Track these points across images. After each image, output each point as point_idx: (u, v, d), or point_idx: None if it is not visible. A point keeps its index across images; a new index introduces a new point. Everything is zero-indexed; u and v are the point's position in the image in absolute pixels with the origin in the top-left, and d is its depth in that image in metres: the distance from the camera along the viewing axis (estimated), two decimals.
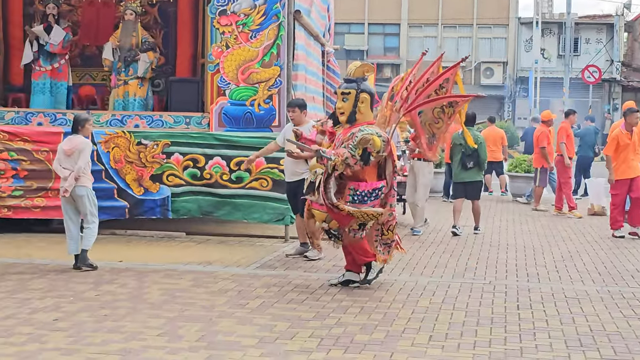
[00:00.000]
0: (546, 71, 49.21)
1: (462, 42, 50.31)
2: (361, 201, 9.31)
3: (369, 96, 9.47)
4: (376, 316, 8.26)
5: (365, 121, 9.43)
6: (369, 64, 10.02)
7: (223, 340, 7.30)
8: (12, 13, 16.92)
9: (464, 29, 50.21)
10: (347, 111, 9.46)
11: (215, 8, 12.92)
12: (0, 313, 8.11)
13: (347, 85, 9.58)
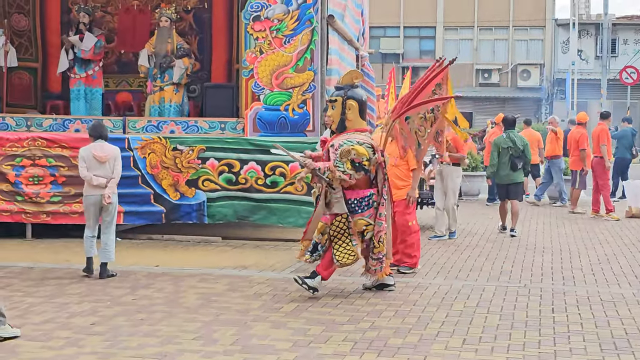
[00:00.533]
0: (583, 73, 48.88)
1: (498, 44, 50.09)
2: (352, 211, 9.23)
3: (357, 103, 9.32)
4: (410, 319, 8.27)
5: (355, 128, 9.33)
6: (358, 71, 9.84)
7: (257, 344, 7.35)
8: (49, 21, 17.19)
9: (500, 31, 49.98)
10: (336, 119, 9.38)
11: (249, 14, 13.00)
12: (39, 317, 8.23)
13: (334, 92, 9.57)
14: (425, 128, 9.72)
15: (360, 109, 9.37)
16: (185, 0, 16.99)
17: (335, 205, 9.29)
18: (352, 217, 9.25)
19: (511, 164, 14.87)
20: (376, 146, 9.32)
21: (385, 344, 7.36)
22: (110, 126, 13.46)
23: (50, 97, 17.07)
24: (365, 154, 9.11)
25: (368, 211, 9.27)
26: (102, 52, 15.58)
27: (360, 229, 9.26)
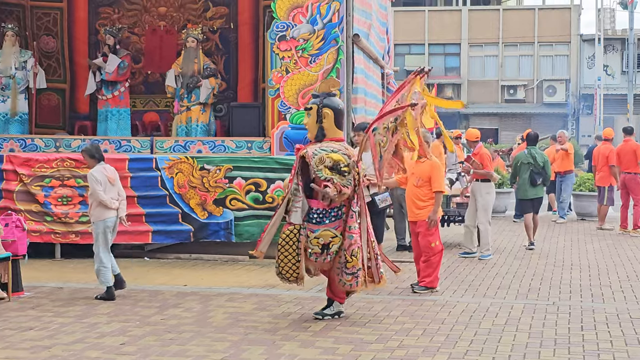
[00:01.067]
0: (610, 88, 48.66)
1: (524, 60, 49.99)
2: (319, 222, 9.04)
3: (332, 112, 9.19)
4: (438, 338, 8.26)
5: (330, 137, 9.20)
6: (336, 80, 9.73)
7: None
8: (77, 42, 17.38)
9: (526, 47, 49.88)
10: (311, 127, 9.28)
11: (275, 34, 13.07)
12: (69, 337, 8.29)
13: (310, 100, 9.48)
14: (387, 138, 9.31)
15: (335, 117, 9.24)
16: (212, 21, 17.13)
17: (293, 215, 9.07)
18: (317, 228, 9.00)
19: (531, 179, 15.16)
20: (352, 156, 9.14)
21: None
22: (137, 146, 13.57)
23: (78, 118, 17.22)
24: (341, 160, 8.94)
25: (335, 223, 9.06)
26: (127, 73, 15.70)
27: (327, 241, 9.04)
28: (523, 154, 15.54)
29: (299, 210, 9.00)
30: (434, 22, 49.81)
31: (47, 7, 17.37)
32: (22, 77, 15.29)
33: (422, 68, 9.44)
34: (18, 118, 15.18)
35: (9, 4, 17.32)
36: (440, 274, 12.11)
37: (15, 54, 15.33)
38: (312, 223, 8.99)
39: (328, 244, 9.02)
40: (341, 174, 8.92)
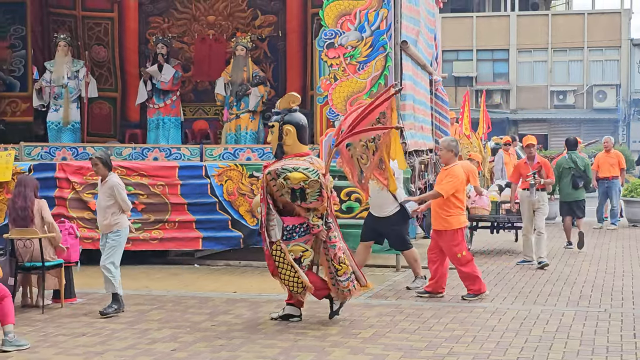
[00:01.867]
0: None
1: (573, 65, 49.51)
2: (289, 237, 9.11)
3: (294, 128, 9.19)
4: (489, 345, 8.23)
5: (294, 153, 9.21)
6: (295, 95, 9.55)
7: None
8: (128, 52, 17.59)
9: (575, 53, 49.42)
10: (274, 145, 9.31)
11: (323, 41, 13.11)
12: (121, 343, 8.38)
13: (272, 118, 9.44)
14: (368, 156, 9.36)
15: (298, 133, 9.24)
16: (260, 29, 17.24)
17: (271, 233, 9.16)
18: (288, 244, 9.10)
19: (573, 183, 15.99)
20: (320, 169, 9.12)
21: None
22: (187, 154, 13.69)
23: (129, 126, 17.43)
24: (301, 178, 8.92)
25: (304, 237, 9.14)
26: (179, 82, 15.87)
27: (297, 255, 9.11)
28: (564, 159, 16.34)
29: (275, 227, 9.15)
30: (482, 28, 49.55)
31: (99, 17, 17.62)
32: (74, 86, 15.50)
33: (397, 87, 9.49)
34: (70, 127, 15.39)
35: (62, 15, 17.61)
36: (490, 281, 12.09)
37: (68, 63, 15.55)
38: (283, 239, 9.12)
39: (299, 258, 9.14)
40: (303, 198, 8.95)
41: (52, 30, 17.43)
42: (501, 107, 48.33)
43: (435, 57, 18.17)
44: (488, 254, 15.20)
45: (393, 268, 13.09)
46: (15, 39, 17.28)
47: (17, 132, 16.41)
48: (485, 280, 12.11)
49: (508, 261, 14.18)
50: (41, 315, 9.78)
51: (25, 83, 17.18)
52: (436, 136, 17.19)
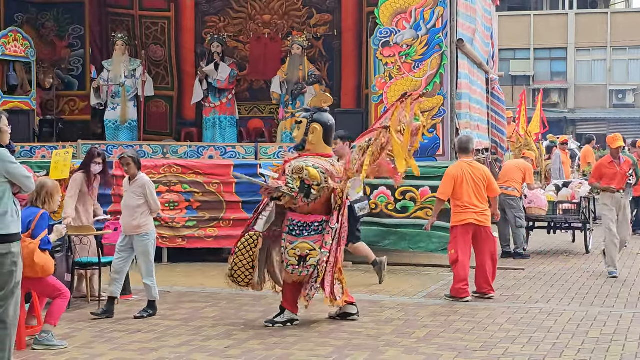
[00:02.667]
0: None
1: (633, 64, 48.81)
2: (298, 234, 9.02)
3: (321, 127, 9.13)
4: (544, 347, 8.12)
5: (317, 152, 9.16)
6: (328, 95, 9.52)
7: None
8: (184, 51, 17.74)
9: (635, 51, 48.71)
10: (298, 139, 9.28)
11: (379, 40, 13.07)
12: (176, 340, 8.43)
13: (301, 114, 9.44)
14: (358, 157, 9.16)
15: (324, 133, 9.19)
16: (316, 28, 17.26)
17: (258, 222, 9.14)
18: (296, 240, 9.00)
19: None
20: (334, 174, 9.05)
21: None
22: (242, 152, 13.74)
23: (185, 125, 17.57)
24: (316, 178, 8.88)
25: (314, 237, 9.03)
26: (235, 81, 15.95)
27: (303, 253, 8.99)
28: None
29: (264, 219, 9.14)
30: (540, 26, 49.04)
31: (156, 16, 17.79)
32: (131, 85, 15.67)
33: (405, 93, 9.34)
34: (127, 125, 15.55)
35: (119, 14, 17.81)
36: (546, 282, 11.97)
37: (125, 62, 15.72)
38: (292, 235, 9.04)
39: (305, 256, 9.02)
40: (307, 195, 8.90)
41: (110, 29, 17.64)
42: (559, 107, 47.83)
43: (491, 55, 18.02)
44: (545, 255, 15.03)
45: (448, 268, 12.97)
46: (74, 39, 17.53)
47: (75, 130, 16.65)
48: (542, 281, 12.03)
49: (565, 262, 14.01)
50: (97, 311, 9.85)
51: (83, 82, 17.42)
52: (492, 135, 17.05)
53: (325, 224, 9.06)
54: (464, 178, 10.62)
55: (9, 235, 6.77)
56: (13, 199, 6.88)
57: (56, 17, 17.49)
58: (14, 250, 6.78)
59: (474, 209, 10.61)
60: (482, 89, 16.39)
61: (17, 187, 6.97)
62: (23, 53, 15.27)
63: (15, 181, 6.85)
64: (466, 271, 10.58)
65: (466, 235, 10.62)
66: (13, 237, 6.80)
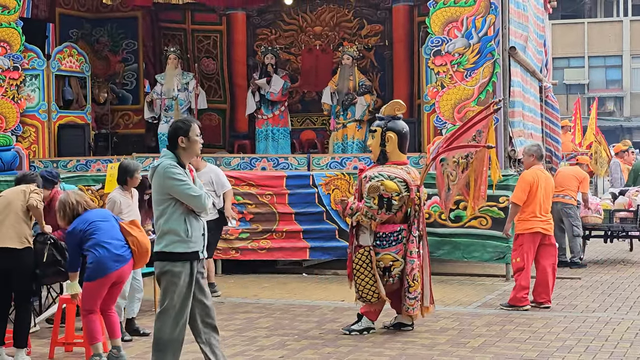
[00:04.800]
0: None
1: None
2: (379, 245, 9.04)
3: (396, 135, 9.13)
4: (602, 356, 8.01)
5: (392, 161, 9.14)
6: (400, 102, 9.48)
7: None
8: (236, 64, 17.85)
9: None
10: (374, 149, 9.28)
11: (430, 49, 13.02)
12: (230, 350, 8.45)
13: (375, 123, 9.44)
14: (457, 173, 9.22)
15: (399, 141, 9.18)
16: (367, 39, 17.26)
17: (361, 237, 9.13)
18: (379, 252, 9.05)
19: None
20: (410, 182, 9.04)
21: None
22: (295, 163, 13.76)
23: (237, 137, 17.66)
24: (395, 189, 8.89)
25: (396, 247, 9.05)
26: (287, 93, 16.00)
27: (387, 264, 9.02)
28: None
29: (367, 232, 9.13)
30: (594, 33, 48.56)
31: (208, 30, 17.94)
32: (184, 98, 15.78)
33: (498, 105, 9.30)
34: None
35: (171, 29, 17.98)
36: (603, 291, 11.82)
37: (178, 76, 15.84)
38: (375, 246, 9.06)
39: (389, 267, 9.05)
40: (385, 207, 8.90)
41: (162, 44, 17.81)
42: (614, 115, 47.27)
43: (545, 63, 17.85)
44: (601, 264, 14.83)
45: (503, 277, 12.88)
46: (128, 53, 17.72)
47: (130, 143, 16.79)
48: (599, 290, 11.88)
49: (622, 271, 13.80)
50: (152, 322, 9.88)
51: (137, 96, 17.58)
52: (547, 144, 16.86)
53: (405, 232, 9.10)
54: (539, 185, 10.54)
55: (168, 253, 6.64)
56: (191, 218, 6.65)
57: (110, 32, 17.69)
58: (174, 270, 6.64)
59: (542, 217, 10.57)
60: (535, 97, 16.23)
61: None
62: (78, 68, 15.46)
63: (182, 200, 6.61)
64: (529, 280, 10.50)
65: (532, 244, 10.54)
66: (173, 256, 6.64)
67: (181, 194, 6.58)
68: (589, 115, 28.74)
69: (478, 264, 13.34)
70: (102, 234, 7.77)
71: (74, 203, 7.93)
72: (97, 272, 7.70)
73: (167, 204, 6.62)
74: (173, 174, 6.56)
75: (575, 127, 25.11)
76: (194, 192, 6.59)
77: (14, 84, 14.40)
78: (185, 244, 6.63)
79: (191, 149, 6.74)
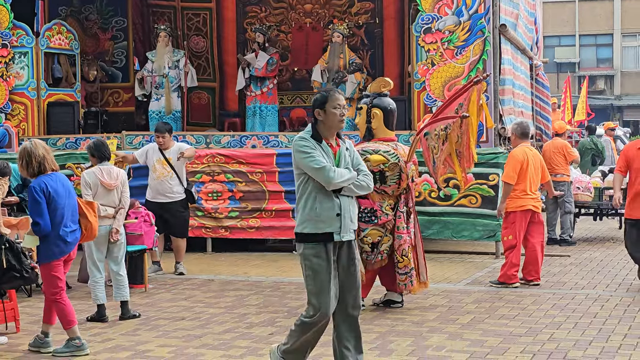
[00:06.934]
0: None
1: None
2: (367, 220, 9.02)
3: (381, 112, 9.13)
4: (590, 332, 8.04)
5: (379, 137, 9.15)
6: (387, 80, 9.49)
7: (433, 354, 7.32)
8: (226, 42, 17.78)
9: None
10: (361, 127, 9.32)
11: (420, 27, 13.00)
12: (220, 327, 8.47)
13: (362, 100, 9.47)
14: (438, 146, 9.15)
15: (385, 117, 9.18)
16: (357, 16, 17.19)
17: None
18: (366, 227, 9.03)
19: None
20: (402, 156, 9.03)
21: (564, 357, 7.19)
22: (285, 141, 13.73)
23: (227, 115, 17.61)
24: (381, 160, 8.89)
25: (383, 222, 9.04)
26: (275, 70, 15.93)
27: (375, 239, 9.02)
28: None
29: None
30: (585, 12, 48.50)
31: (197, 7, 17.83)
32: (175, 76, 15.72)
33: (478, 77, 9.14)
34: (171, 116, 15.61)
35: (161, 6, 17.89)
36: (592, 268, 11.86)
37: (169, 53, 15.77)
38: (362, 222, 8.97)
39: (377, 242, 9.04)
40: (382, 180, 8.94)
41: (151, 21, 17.72)
42: (605, 93, 47.29)
43: (535, 41, 17.84)
44: (591, 242, 14.88)
45: (492, 255, 12.92)
46: (117, 31, 17.65)
47: (120, 121, 16.77)
48: (588, 268, 11.91)
49: (611, 249, 13.84)
50: (142, 300, 9.93)
51: (127, 74, 17.53)
52: (537, 122, 16.89)
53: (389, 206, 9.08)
54: (529, 163, 10.55)
55: (300, 234, 6.24)
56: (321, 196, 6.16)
57: (99, 9, 17.61)
58: (305, 252, 6.21)
59: (532, 194, 10.59)
60: (525, 75, 16.24)
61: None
62: (67, 46, 15.38)
63: (308, 174, 6.19)
64: (519, 258, 10.52)
65: (524, 221, 10.56)
66: (305, 237, 6.22)
67: (305, 166, 6.14)
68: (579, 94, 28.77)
69: (468, 241, 13.37)
70: (59, 213, 7.48)
71: (41, 156, 7.50)
72: (50, 254, 7.50)
73: (300, 180, 6.24)
74: (300, 146, 6.21)
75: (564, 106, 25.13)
76: (317, 164, 6.09)
77: (2, 62, 14.35)
78: (314, 224, 6.16)
79: (329, 122, 6.33)
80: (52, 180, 7.52)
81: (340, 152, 6.35)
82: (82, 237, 7.80)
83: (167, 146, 11.56)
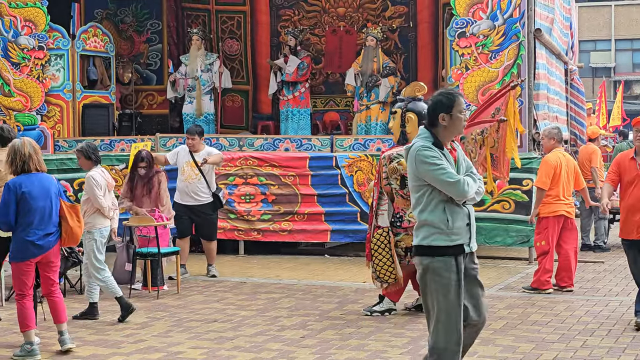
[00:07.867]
0: None
1: None
2: (399, 225, 9.08)
3: (416, 116, 9.07)
4: (624, 339, 7.97)
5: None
6: (421, 84, 9.46)
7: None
8: (259, 45, 17.83)
9: None
10: (395, 131, 9.31)
11: (455, 31, 12.96)
12: (252, 330, 8.49)
13: (396, 104, 9.46)
14: (476, 150, 9.07)
15: (419, 122, 9.06)
16: (391, 20, 17.17)
17: (380, 218, 9.15)
18: (399, 232, 9.07)
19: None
20: None
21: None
22: (318, 144, 13.74)
23: (261, 119, 17.66)
24: None
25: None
26: (307, 74, 15.95)
27: (409, 244, 8.91)
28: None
29: (385, 213, 9.16)
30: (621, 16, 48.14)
31: (231, 11, 17.90)
32: (207, 79, 15.80)
33: (515, 82, 9.10)
34: (203, 118, 15.68)
35: (195, 9, 17.98)
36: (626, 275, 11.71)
37: (201, 56, 15.86)
38: (395, 226, 9.07)
39: (410, 247, 8.82)
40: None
41: (186, 24, 17.81)
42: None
43: (570, 46, 17.73)
44: None
45: (526, 260, 12.85)
46: (152, 34, 17.76)
47: (154, 124, 16.88)
48: (622, 274, 11.81)
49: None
50: (175, 302, 9.99)
51: (161, 76, 17.63)
52: (572, 127, 16.78)
53: None
54: (561, 168, 10.48)
55: (427, 247, 5.74)
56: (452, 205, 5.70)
57: (134, 12, 17.73)
58: (434, 265, 5.70)
59: (565, 200, 10.53)
60: (560, 80, 16.14)
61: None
62: (102, 48, 15.50)
63: (437, 187, 5.70)
64: (552, 263, 10.46)
65: (556, 227, 10.49)
66: (433, 250, 5.72)
67: (436, 179, 5.65)
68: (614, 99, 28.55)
69: (501, 247, 13.30)
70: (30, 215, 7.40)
71: (26, 155, 7.44)
72: (19, 254, 7.49)
73: (423, 192, 5.74)
74: (426, 157, 5.67)
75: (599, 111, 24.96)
76: (450, 177, 5.63)
77: (39, 64, 14.49)
78: (446, 236, 5.69)
79: (453, 127, 5.83)
80: (28, 181, 7.47)
81: (458, 157, 5.95)
82: (62, 240, 7.72)
83: (197, 149, 11.62)
